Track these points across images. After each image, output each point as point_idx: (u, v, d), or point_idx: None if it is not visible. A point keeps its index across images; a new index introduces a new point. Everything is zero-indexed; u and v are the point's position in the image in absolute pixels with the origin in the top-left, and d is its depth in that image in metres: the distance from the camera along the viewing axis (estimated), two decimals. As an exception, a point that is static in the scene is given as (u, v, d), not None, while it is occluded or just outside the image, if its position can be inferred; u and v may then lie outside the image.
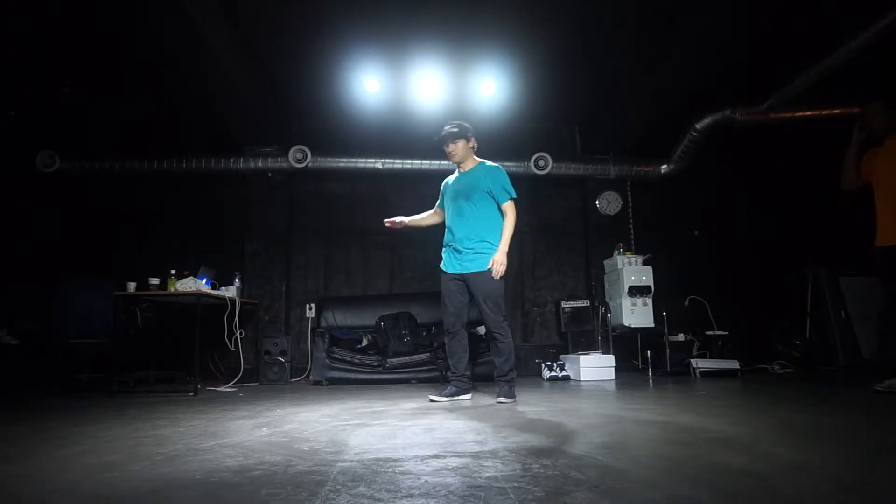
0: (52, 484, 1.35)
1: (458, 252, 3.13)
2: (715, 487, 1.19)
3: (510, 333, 3.12)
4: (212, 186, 5.78)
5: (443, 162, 5.41)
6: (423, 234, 5.82)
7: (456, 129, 3.17)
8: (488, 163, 3.22)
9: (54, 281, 4.39)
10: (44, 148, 5.31)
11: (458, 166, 3.29)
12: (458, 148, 3.19)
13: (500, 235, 3.10)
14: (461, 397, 3.19)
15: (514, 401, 3.00)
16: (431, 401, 3.07)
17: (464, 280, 3.12)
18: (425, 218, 3.47)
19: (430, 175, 5.49)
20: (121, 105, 5.28)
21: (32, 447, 1.87)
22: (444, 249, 3.25)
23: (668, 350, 4.89)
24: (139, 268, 4.26)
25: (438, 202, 3.43)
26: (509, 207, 3.11)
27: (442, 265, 3.23)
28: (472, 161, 3.25)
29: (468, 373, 3.24)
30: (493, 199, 3.13)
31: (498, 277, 3.02)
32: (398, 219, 3.40)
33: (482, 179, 3.13)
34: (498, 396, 3.02)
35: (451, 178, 3.34)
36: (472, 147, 3.24)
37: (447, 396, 3.12)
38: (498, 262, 3.02)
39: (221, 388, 4.33)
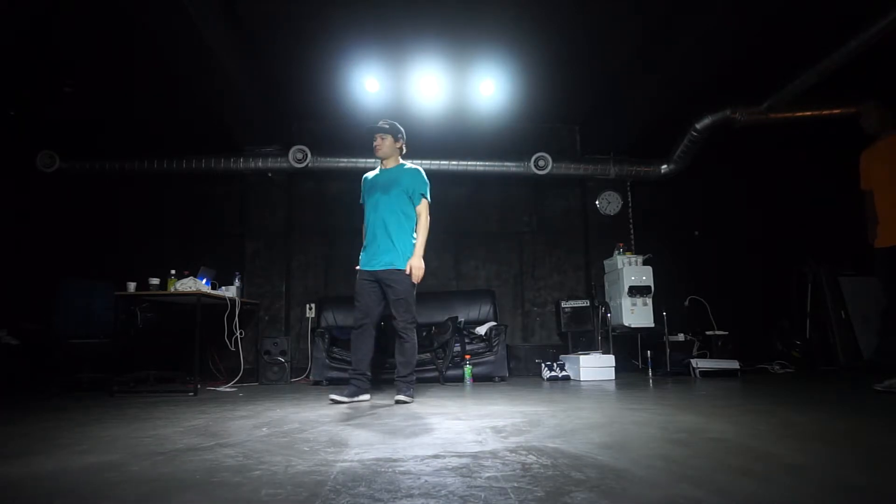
0: (53, 484, 1.35)
1: (371, 249, 3.18)
2: (714, 487, 1.18)
3: (415, 336, 3.18)
4: (212, 186, 5.79)
5: (442, 161, 5.42)
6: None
7: (387, 126, 3.30)
8: (409, 164, 3.32)
9: (54, 281, 4.40)
10: (44, 148, 5.32)
11: (382, 162, 3.36)
12: (385, 144, 3.29)
13: (412, 237, 3.18)
14: (360, 398, 3.18)
15: (413, 400, 3.08)
16: (332, 400, 3.08)
17: (376, 279, 3.15)
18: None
19: (429, 175, 5.48)
20: (121, 105, 5.28)
21: (32, 447, 1.88)
22: (363, 248, 3.27)
23: (668, 350, 4.89)
24: (139, 268, 4.26)
25: (362, 199, 3.40)
26: (424, 209, 3.21)
27: (360, 264, 3.25)
28: (396, 161, 3.34)
29: (368, 373, 3.23)
30: (409, 198, 3.20)
31: (417, 282, 3.11)
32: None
33: (403, 177, 3.22)
34: (397, 394, 3.08)
35: (370, 174, 3.40)
36: (399, 148, 3.34)
37: (347, 397, 3.12)
38: (415, 268, 3.11)
39: (221, 388, 4.33)
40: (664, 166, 5.61)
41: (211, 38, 3.72)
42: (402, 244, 3.13)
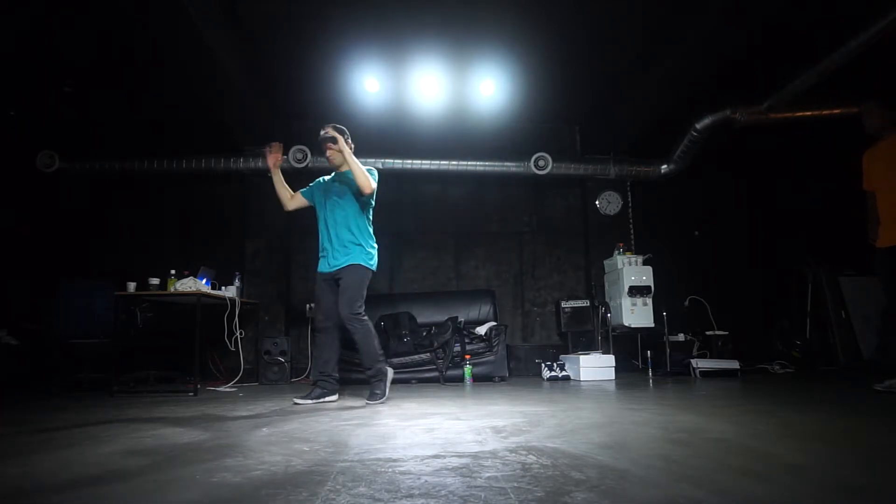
0: (53, 483, 1.35)
1: (328, 253, 3.19)
2: (714, 487, 1.18)
3: (367, 326, 3.12)
4: (212, 186, 5.79)
5: (442, 161, 5.42)
6: (422, 235, 5.86)
7: (336, 134, 3.21)
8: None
9: (54, 281, 4.40)
10: (44, 148, 5.32)
11: (336, 168, 3.34)
12: (337, 152, 3.23)
13: (369, 237, 3.23)
14: (327, 399, 3.17)
15: (382, 401, 3.06)
16: (295, 403, 3.05)
17: (334, 278, 3.17)
18: (286, 190, 3.37)
19: (429, 175, 5.50)
20: (121, 105, 5.28)
21: (33, 447, 1.87)
22: (320, 252, 3.27)
23: (668, 350, 4.89)
24: (139, 268, 4.26)
25: (305, 190, 3.41)
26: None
27: (318, 267, 3.26)
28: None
29: (335, 374, 3.23)
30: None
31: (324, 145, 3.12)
32: (276, 155, 3.30)
33: (352, 180, 3.17)
34: (367, 398, 3.10)
35: (327, 177, 3.40)
36: (350, 149, 3.29)
37: (313, 398, 3.10)
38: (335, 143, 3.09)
39: (221, 388, 4.33)
40: (664, 166, 5.61)
41: (211, 38, 3.72)
42: (358, 246, 3.16)
